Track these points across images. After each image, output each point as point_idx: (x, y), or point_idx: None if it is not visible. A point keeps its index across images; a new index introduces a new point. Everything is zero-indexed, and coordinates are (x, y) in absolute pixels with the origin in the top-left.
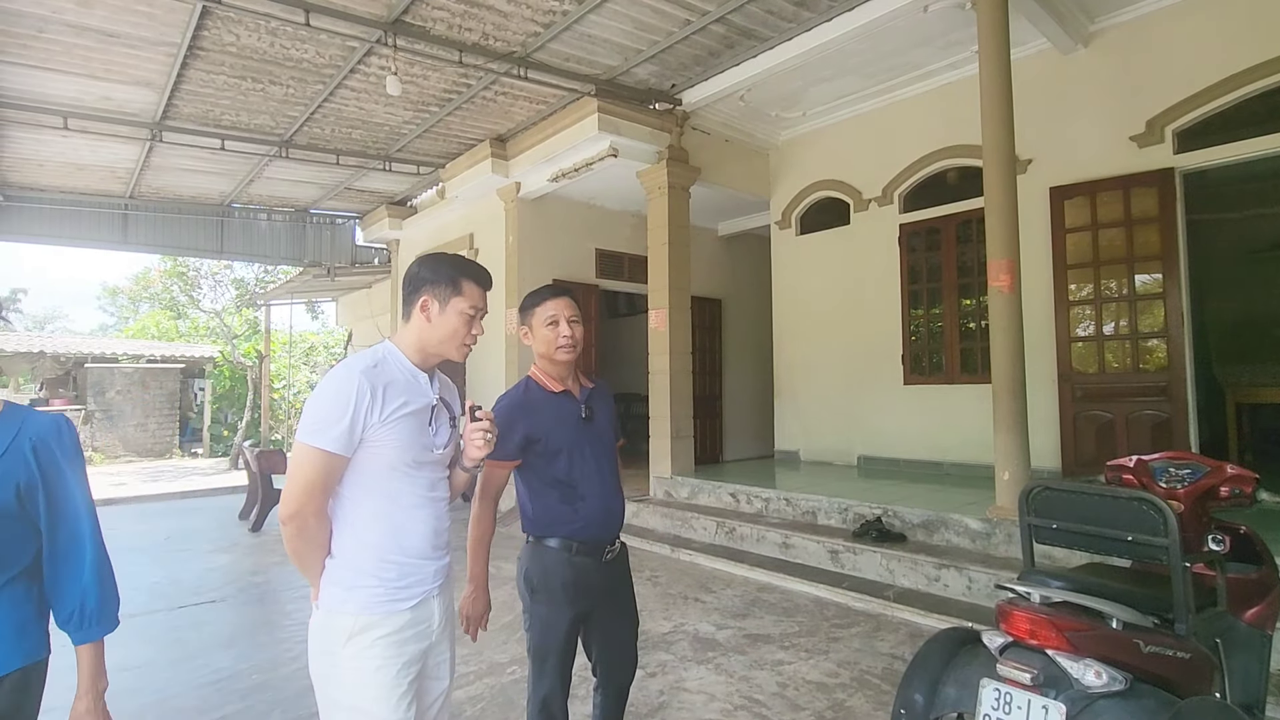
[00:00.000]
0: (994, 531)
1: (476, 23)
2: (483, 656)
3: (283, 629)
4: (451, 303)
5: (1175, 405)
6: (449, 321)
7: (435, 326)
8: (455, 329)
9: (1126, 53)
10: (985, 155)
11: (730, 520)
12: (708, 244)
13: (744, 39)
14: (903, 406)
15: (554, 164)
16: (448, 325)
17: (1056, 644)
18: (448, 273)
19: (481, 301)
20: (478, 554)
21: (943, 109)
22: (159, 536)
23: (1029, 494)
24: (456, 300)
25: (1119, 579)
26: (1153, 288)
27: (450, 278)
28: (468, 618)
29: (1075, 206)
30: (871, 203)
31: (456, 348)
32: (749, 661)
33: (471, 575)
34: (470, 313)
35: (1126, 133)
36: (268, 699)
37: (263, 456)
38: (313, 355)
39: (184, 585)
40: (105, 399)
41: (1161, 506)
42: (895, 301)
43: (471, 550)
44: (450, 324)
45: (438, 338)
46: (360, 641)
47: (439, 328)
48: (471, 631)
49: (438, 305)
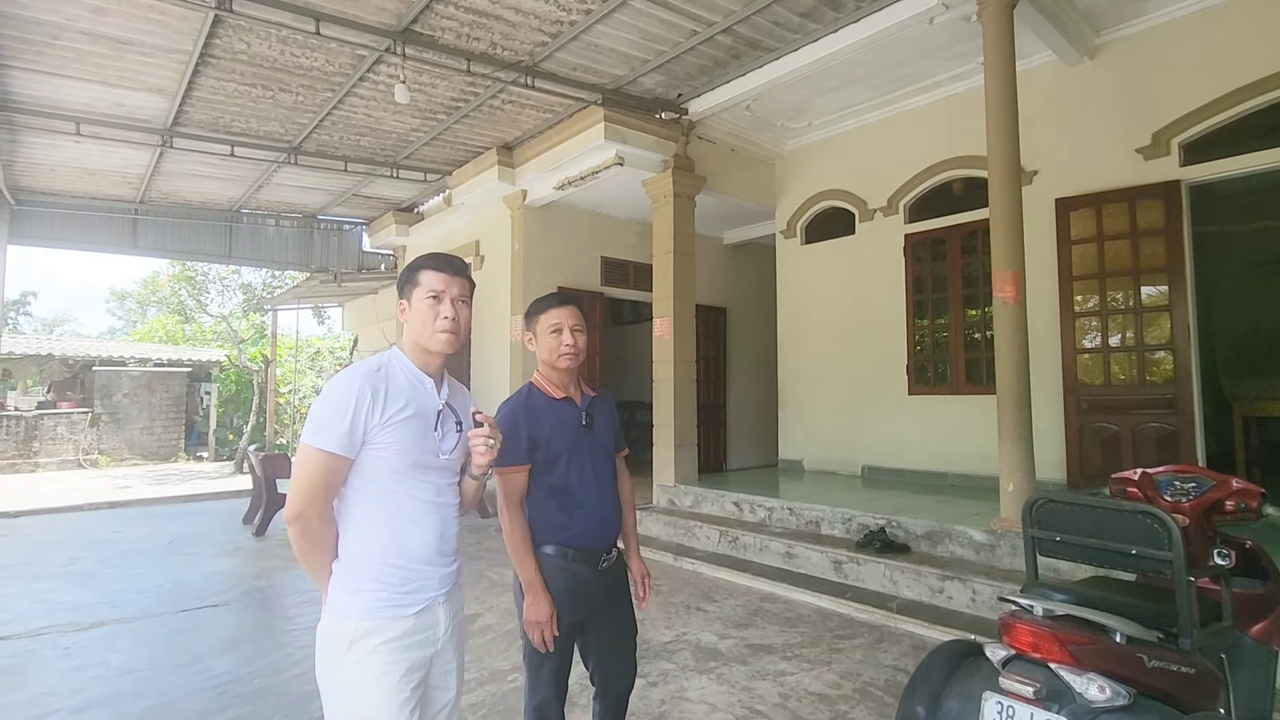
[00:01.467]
0: (998, 543)
1: (485, 32)
2: (484, 664)
3: (285, 634)
4: (414, 295)
5: (1181, 418)
6: (416, 312)
7: (411, 322)
8: (423, 316)
9: (1132, 65)
10: (990, 166)
11: (733, 529)
12: (713, 252)
13: (750, 50)
14: (907, 417)
15: (560, 172)
16: (417, 316)
17: (1059, 657)
18: (408, 271)
19: (440, 284)
20: (524, 559)
21: (948, 120)
22: (163, 540)
23: (1033, 506)
24: (417, 291)
25: (1123, 593)
26: (1159, 300)
27: (409, 274)
28: (534, 624)
29: (1081, 218)
30: (877, 213)
31: (431, 334)
32: (751, 672)
33: (526, 582)
34: (430, 297)
35: (1132, 145)
36: (269, 704)
37: (267, 461)
38: (318, 360)
39: (187, 589)
40: (112, 402)
41: (1166, 520)
42: (900, 311)
43: (517, 558)
44: (417, 314)
45: (415, 332)
46: (363, 646)
47: (413, 321)
48: (547, 638)
49: (407, 302)
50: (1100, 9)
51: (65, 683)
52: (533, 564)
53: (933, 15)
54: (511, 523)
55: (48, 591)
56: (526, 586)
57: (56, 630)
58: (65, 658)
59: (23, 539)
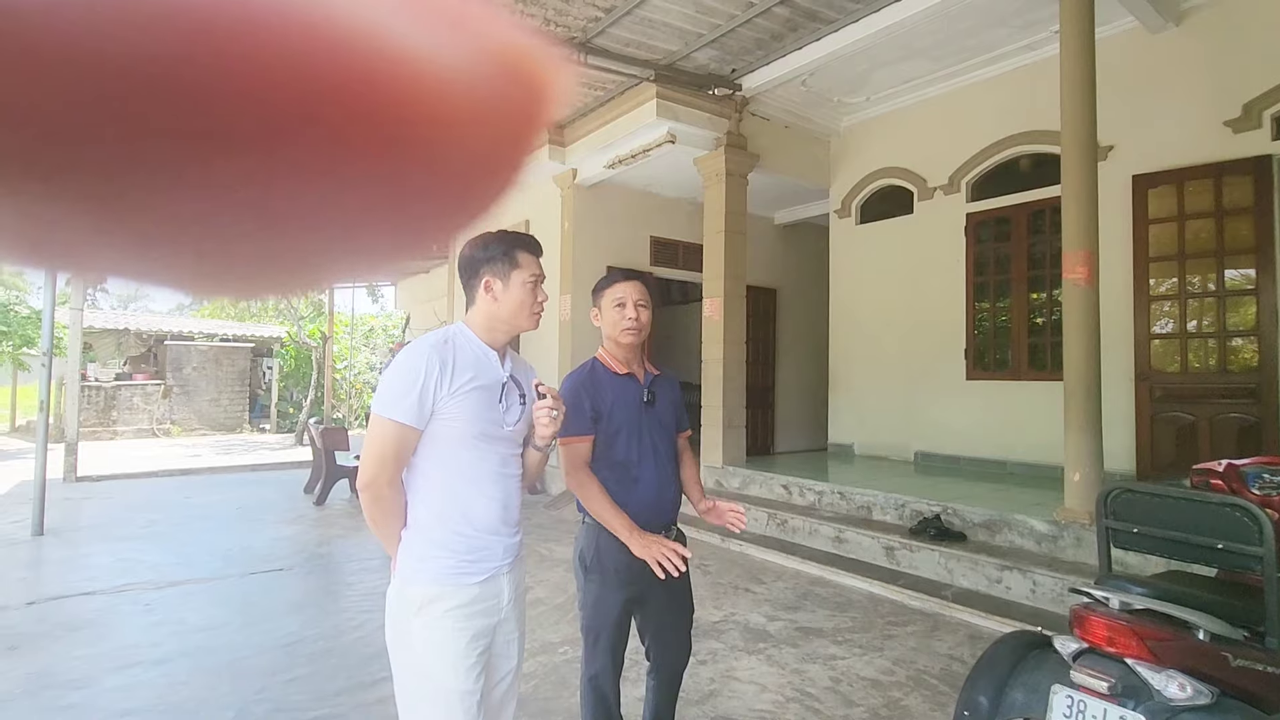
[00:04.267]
0: (1061, 534)
1: (539, 8)
2: (536, 635)
3: (345, 598)
4: (512, 276)
5: (1265, 409)
6: (514, 294)
7: (502, 303)
8: (522, 300)
9: (1222, 32)
10: (1064, 141)
11: (782, 512)
12: (764, 232)
13: (808, 21)
14: (965, 402)
15: (611, 150)
16: (514, 298)
17: (1137, 653)
18: (501, 249)
19: (538, 268)
20: (610, 512)
21: (1016, 93)
22: (231, 506)
23: (1108, 496)
24: (516, 273)
25: (1205, 588)
26: (1244, 283)
27: (505, 253)
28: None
29: (1160, 196)
30: (937, 191)
31: (528, 317)
32: (801, 654)
33: (621, 527)
34: (531, 281)
35: (1220, 117)
36: (333, 664)
37: (326, 434)
38: (372, 338)
39: (255, 553)
40: (182, 375)
41: (1257, 514)
42: (960, 294)
43: (603, 515)
44: (516, 296)
45: (507, 312)
46: (431, 612)
47: (506, 303)
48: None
49: (500, 283)
50: None
51: (146, 636)
52: (614, 509)
53: None
54: (584, 483)
55: (129, 551)
56: (626, 535)
57: (138, 588)
58: (146, 613)
59: (104, 501)
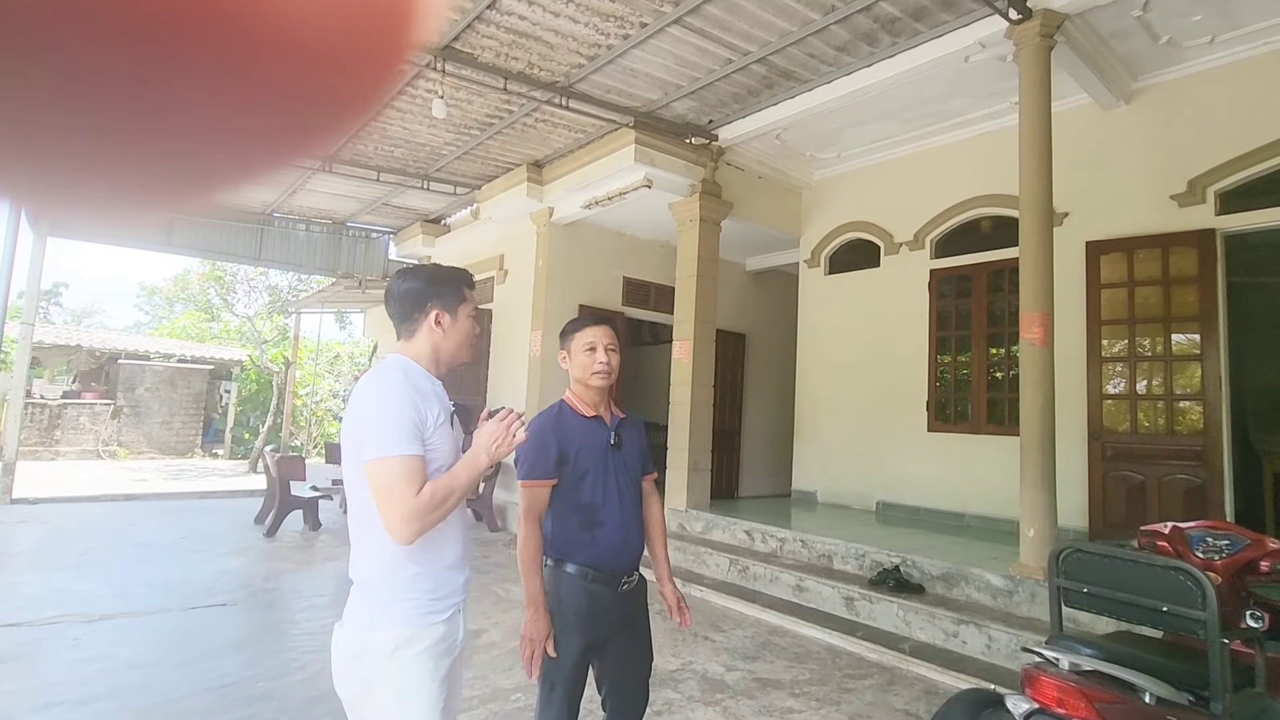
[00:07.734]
0: (1016, 589)
1: (524, 52)
2: (488, 681)
3: (291, 637)
4: (460, 309)
5: (1210, 471)
6: (461, 327)
7: (450, 335)
8: (466, 332)
9: (1170, 112)
10: (1022, 207)
11: (744, 558)
12: (735, 278)
13: (784, 79)
14: (926, 454)
15: (588, 191)
16: (461, 331)
17: (1085, 715)
18: (452, 282)
19: (475, 300)
20: (531, 574)
21: (980, 157)
22: (175, 535)
23: (1060, 555)
24: (464, 306)
25: (1152, 650)
26: (1189, 348)
27: (456, 287)
28: (529, 640)
29: (1111, 262)
30: (903, 246)
31: (469, 349)
32: (758, 707)
33: (530, 598)
34: (474, 314)
35: (1167, 191)
36: (273, 708)
37: (282, 462)
38: (337, 365)
39: (196, 586)
40: (134, 395)
41: (1200, 578)
42: (922, 347)
43: (526, 573)
44: (463, 329)
45: (453, 344)
46: (405, 655)
47: (453, 336)
48: (536, 661)
49: (449, 316)
50: (1139, 55)
51: (72, 674)
52: (538, 581)
53: (969, 54)
54: (526, 537)
55: (61, 580)
56: (529, 602)
57: (67, 620)
58: (74, 648)
59: (40, 526)
